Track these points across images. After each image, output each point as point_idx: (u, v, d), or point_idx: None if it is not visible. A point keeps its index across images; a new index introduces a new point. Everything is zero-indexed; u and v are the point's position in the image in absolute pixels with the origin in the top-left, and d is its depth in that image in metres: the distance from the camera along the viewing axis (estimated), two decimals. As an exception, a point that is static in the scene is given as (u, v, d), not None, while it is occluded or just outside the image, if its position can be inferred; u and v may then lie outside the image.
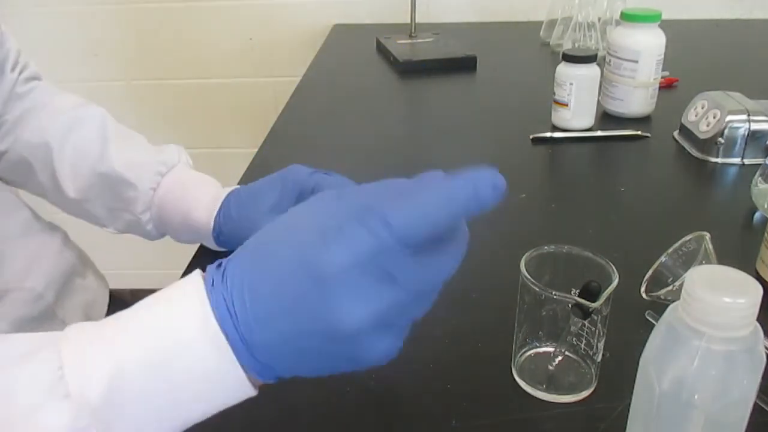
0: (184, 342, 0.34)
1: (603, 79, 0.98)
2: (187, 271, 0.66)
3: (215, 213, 0.63)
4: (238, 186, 0.66)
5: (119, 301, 0.78)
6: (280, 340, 0.33)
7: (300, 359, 0.35)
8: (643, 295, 0.58)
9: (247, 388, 0.35)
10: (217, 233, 0.63)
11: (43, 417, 0.32)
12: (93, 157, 0.67)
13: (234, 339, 0.34)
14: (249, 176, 0.84)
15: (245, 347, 0.34)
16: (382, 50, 1.35)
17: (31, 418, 0.32)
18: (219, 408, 0.36)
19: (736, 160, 0.85)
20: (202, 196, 0.64)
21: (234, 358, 0.34)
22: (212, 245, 0.65)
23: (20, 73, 0.71)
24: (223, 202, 0.63)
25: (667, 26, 0.97)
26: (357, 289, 0.31)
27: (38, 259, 0.69)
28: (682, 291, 0.34)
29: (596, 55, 0.93)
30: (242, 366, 0.34)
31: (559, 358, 0.51)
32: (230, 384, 0.35)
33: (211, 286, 0.34)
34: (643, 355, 0.37)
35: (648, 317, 0.56)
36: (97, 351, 0.34)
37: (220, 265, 0.35)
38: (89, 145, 0.68)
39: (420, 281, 0.33)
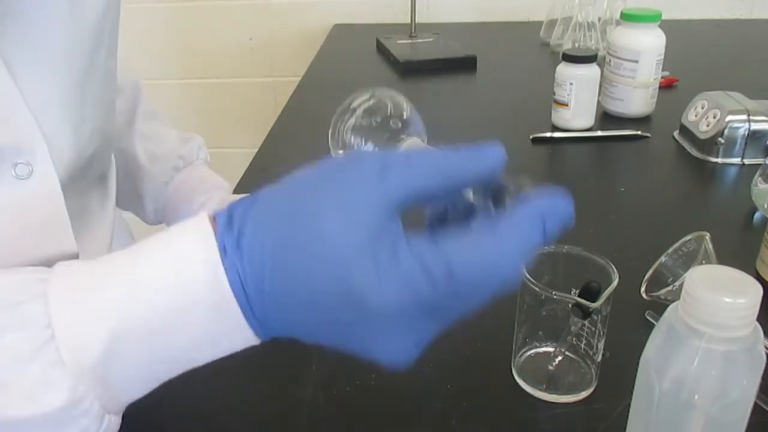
0: (188, 306, 0.31)
1: (603, 79, 0.98)
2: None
3: None
4: (245, 196, 0.65)
5: None
6: (297, 330, 0.32)
7: (316, 342, 0.33)
8: (643, 295, 0.58)
9: (251, 341, 0.33)
10: None
11: (37, 390, 0.31)
12: (117, 131, 0.67)
13: (244, 308, 0.31)
14: (249, 176, 0.84)
15: (254, 319, 0.32)
16: (382, 50, 1.35)
17: (24, 390, 0.31)
18: (221, 356, 0.34)
19: (736, 160, 0.85)
20: (209, 201, 0.65)
21: (243, 322, 0.32)
22: None
23: None
24: None
25: (667, 26, 0.97)
26: (403, 328, 0.30)
27: None
28: (682, 291, 0.34)
29: (596, 55, 0.93)
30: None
31: (559, 358, 0.51)
32: (234, 340, 0.33)
33: (223, 253, 0.31)
34: (643, 355, 0.37)
35: (648, 317, 0.56)
36: (92, 314, 0.31)
37: (231, 221, 0.32)
38: (116, 118, 0.67)
39: (464, 311, 0.31)
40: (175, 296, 0.31)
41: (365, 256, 0.29)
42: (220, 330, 0.32)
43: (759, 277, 0.61)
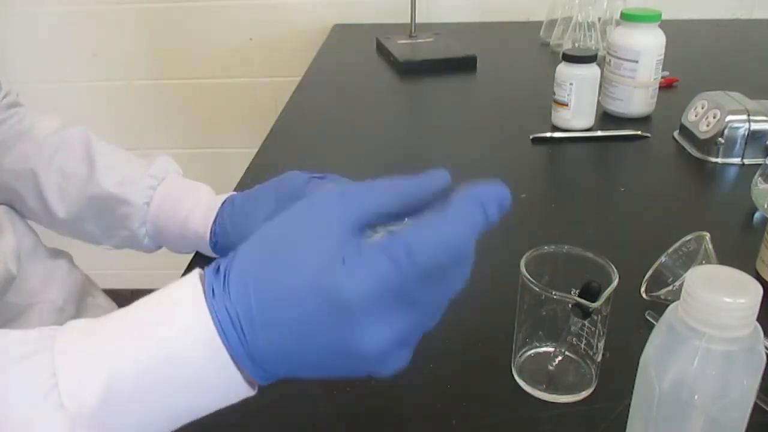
0: (181, 350, 0.33)
1: (603, 79, 0.98)
2: (187, 271, 0.67)
3: (211, 222, 0.63)
4: (233, 193, 0.65)
5: None
6: (288, 354, 0.34)
7: (308, 370, 0.35)
8: (643, 295, 0.58)
9: (245, 391, 0.35)
10: (214, 243, 0.63)
11: (37, 429, 0.32)
12: (81, 179, 0.67)
13: (236, 347, 0.33)
14: (249, 176, 0.84)
15: (248, 357, 0.34)
16: (382, 50, 1.35)
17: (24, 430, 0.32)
18: (217, 408, 0.36)
19: (736, 160, 0.85)
20: (196, 206, 0.64)
21: (233, 367, 0.34)
22: (209, 253, 0.65)
23: (1, 99, 0.70)
24: (218, 211, 0.63)
25: (667, 26, 0.97)
26: (379, 316, 0.32)
27: (51, 279, 0.70)
28: (682, 291, 0.34)
29: (596, 55, 0.93)
30: (242, 370, 0.34)
31: (559, 358, 0.51)
32: (228, 389, 0.35)
33: (211, 297, 0.34)
34: (643, 355, 0.37)
35: (648, 317, 0.56)
36: (92, 357, 0.33)
37: (218, 270, 0.35)
38: (75, 168, 0.67)
39: (436, 301, 0.34)
40: (168, 341, 0.33)
41: (335, 258, 0.32)
42: (215, 374, 0.34)
43: (759, 277, 0.61)
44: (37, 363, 0.33)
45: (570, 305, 0.46)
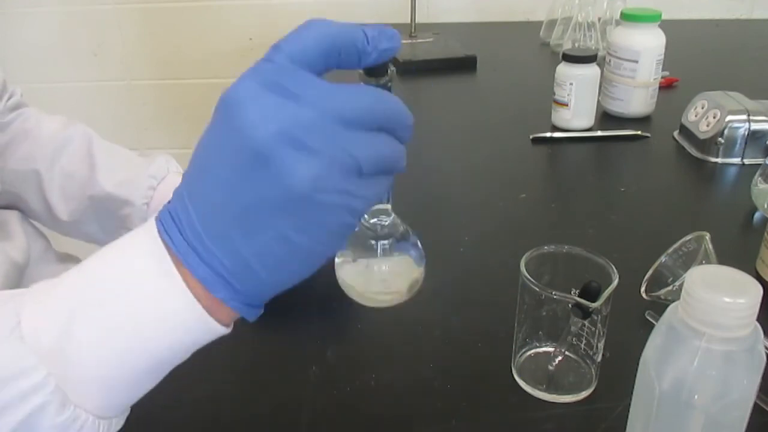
0: (133, 271, 0.34)
1: (603, 79, 0.98)
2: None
3: None
4: None
5: None
6: (214, 209, 0.33)
7: (238, 219, 0.32)
8: (643, 295, 0.58)
9: (205, 319, 0.34)
10: None
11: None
12: (82, 180, 0.67)
13: (181, 246, 0.33)
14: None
15: (194, 253, 0.33)
16: (382, 50, 1.34)
17: None
18: (186, 344, 0.35)
19: (736, 160, 0.85)
20: None
21: (177, 275, 0.33)
22: None
23: (6, 101, 0.70)
24: None
25: (667, 26, 0.97)
26: (260, 106, 0.32)
27: None
28: (682, 291, 0.34)
29: (596, 55, 0.93)
30: (200, 288, 0.33)
31: (559, 358, 0.51)
32: (182, 308, 0.33)
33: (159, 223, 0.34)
34: (643, 355, 0.37)
35: (648, 317, 0.56)
36: (52, 299, 0.35)
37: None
38: (77, 169, 0.67)
39: (324, 97, 0.32)
40: (117, 267, 0.34)
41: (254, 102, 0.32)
42: (165, 293, 0.33)
43: (759, 277, 0.61)
44: (4, 312, 0.34)
45: (570, 305, 0.46)
